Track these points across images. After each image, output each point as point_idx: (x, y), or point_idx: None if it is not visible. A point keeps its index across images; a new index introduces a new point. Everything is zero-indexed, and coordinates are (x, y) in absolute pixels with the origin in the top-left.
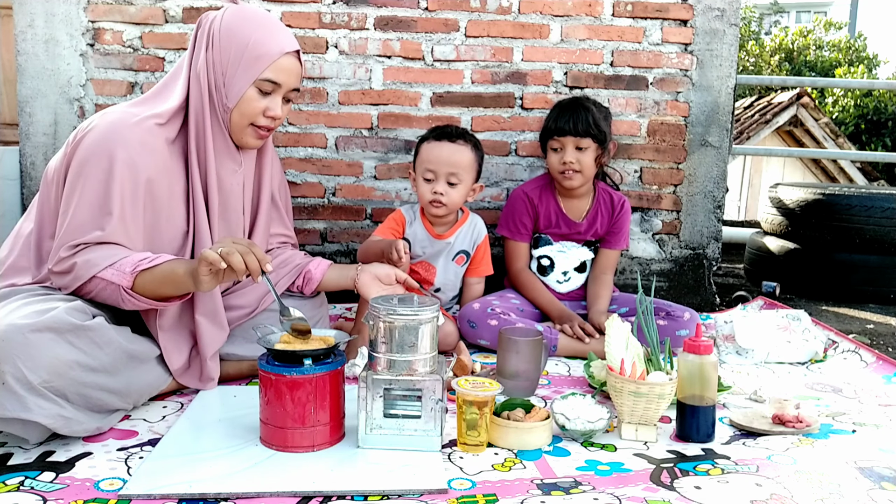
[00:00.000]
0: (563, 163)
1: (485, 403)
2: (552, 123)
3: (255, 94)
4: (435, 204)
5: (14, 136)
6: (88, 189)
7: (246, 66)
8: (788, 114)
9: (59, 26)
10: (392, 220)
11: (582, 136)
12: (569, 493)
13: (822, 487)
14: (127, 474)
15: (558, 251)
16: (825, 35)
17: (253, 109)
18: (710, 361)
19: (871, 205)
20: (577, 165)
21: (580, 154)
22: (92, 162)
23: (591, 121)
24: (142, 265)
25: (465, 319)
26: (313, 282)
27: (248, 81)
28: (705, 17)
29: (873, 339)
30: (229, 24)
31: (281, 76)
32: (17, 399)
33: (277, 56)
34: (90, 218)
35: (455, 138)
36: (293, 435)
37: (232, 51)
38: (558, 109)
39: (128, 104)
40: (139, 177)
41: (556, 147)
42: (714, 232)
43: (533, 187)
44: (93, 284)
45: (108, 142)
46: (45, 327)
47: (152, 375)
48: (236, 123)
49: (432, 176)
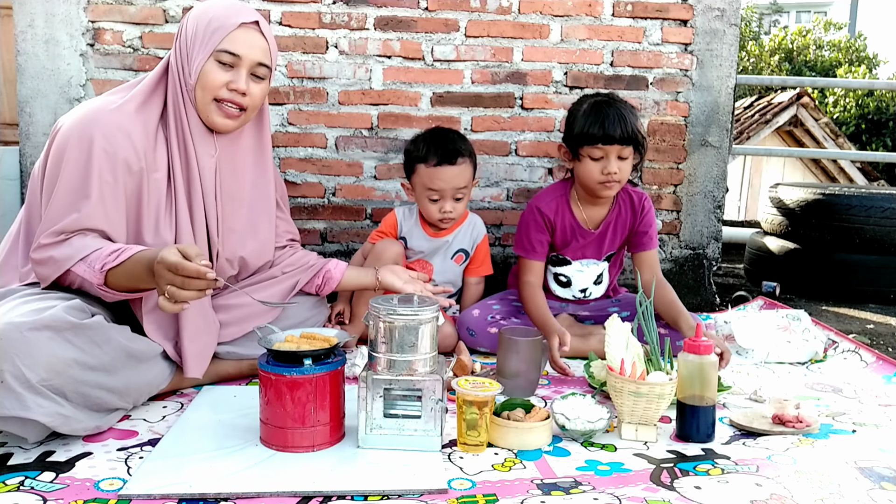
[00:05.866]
0: (606, 173)
1: (485, 403)
2: (595, 129)
3: (214, 66)
4: (445, 221)
5: (14, 136)
6: (66, 175)
7: (203, 41)
8: (788, 114)
9: (59, 26)
10: (385, 223)
11: (627, 143)
12: (569, 493)
13: (822, 487)
14: (127, 474)
15: (577, 271)
16: (825, 35)
17: (212, 82)
18: (710, 361)
19: (871, 205)
20: (620, 175)
21: (622, 163)
22: (70, 149)
23: (635, 127)
24: (108, 263)
25: (464, 326)
26: (333, 281)
27: (205, 55)
28: (705, 17)
29: (873, 339)
30: (195, 11)
31: (239, 47)
32: (15, 397)
33: (233, 27)
34: (69, 202)
35: (454, 159)
36: (293, 435)
37: (194, 31)
38: (595, 111)
39: (106, 94)
40: (117, 160)
41: (598, 156)
42: (714, 232)
43: (547, 200)
44: (72, 275)
45: (84, 128)
46: (44, 325)
47: (152, 374)
48: (200, 100)
49: (437, 197)
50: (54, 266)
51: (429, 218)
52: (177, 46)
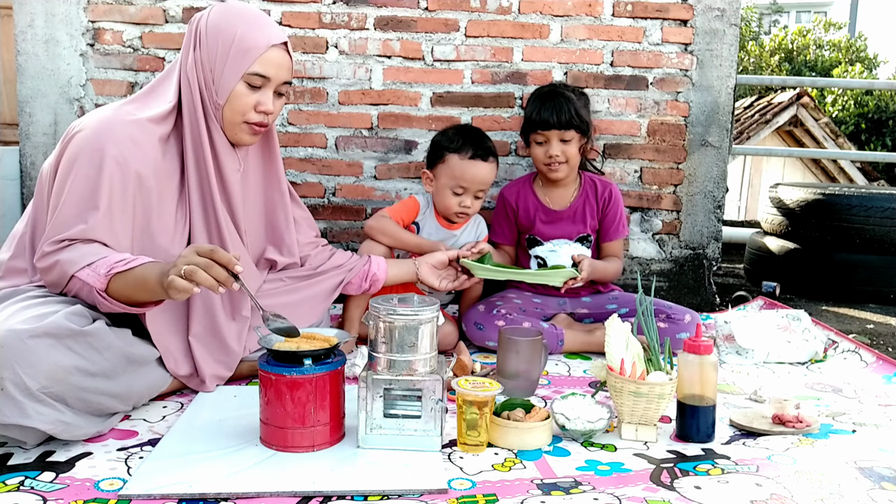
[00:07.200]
0: (548, 156)
1: (485, 403)
2: (535, 116)
3: (245, 90)
4: (461, 216)
5: (14, 136)
6: (77, 184)
7: (233, 62)
8: (788, 114)
9: (59, 26)
10: (406, 206)
11: (566, 128)
12: (569, 493)
13: (822, 487)
14: (127, 474)
15: (549, 251)
16: (825, 35)
17: (243, 105)
18: (710, 361)
19: (871, 205)
20: (563, 157)
21: (565, 146)
22: (82, 158)
23: (573, 112)
24: (116, 267)
25: (471, 322)
26: (379, 283)
27: (236, 77)
28: (705, 17)
29: (873, 339)
30: (215, 20)
31: (269, 69)
32: (15, 405)
33: (264, 49)
34: (76, 212)
35: (487, 156)
36: (293, 435)
37: (219, 47)
38: (539, 101)
39: (121, 102)
40: (129, 174)
41: (541, 140)
42: (714, 232)
43: (510, 186)
44: (72, 284)
45: (99, 139)
46: (44, 333)
47: (152, 378)
48: (228, 120)
49: (461, 190)
50: (60, 271)
51: (445, 210)
52: (197, 58)
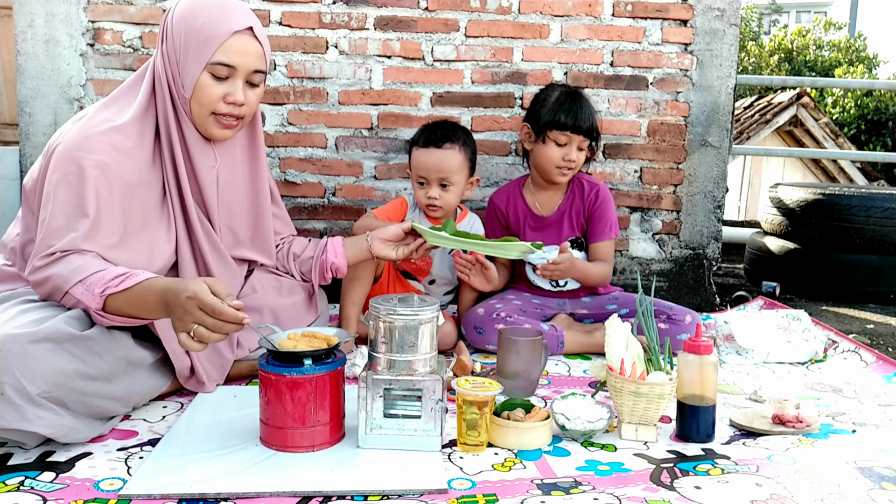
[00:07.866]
0: (566, 159)
1: (485, 403)
2: (567, 118)
3: (210, 80)
4: (431, 208)
5: (14, 136)
6: (63, 196)
7: (195, 52)
8: (788, 114)
9: (59, 26)
10: (393, 206)
11: (587, 135)
12: (569, 493)
13: (822, 487)
14: (127, 474)
15: (539, 258)
16: (825, 35)
17: (209, 97)
18: (710, 361)
19: (871, 205)
20: (575, 164)
21: (579, 153)
22: (64, 170)
23: (595, 121)
24: (110, 287)
25: (471, 325)
26: (342, 271)
27: (199, 68)
28: (705, 17)
29: (873, 339)
30: (181, 12)
31: (234, 57)
32: (16, 410)
33: (225, 36)
34: (66, 222)
35: (441, 143)
36: (293, 435)
37: (182, 38)
38: (566, 100)
39: (97, 107)
40: (113, 179)
41: (563, 142)
42: (714, 232)
43: (500, 193)
44: (67, 299)
45: (79, 149)
46: (44, 337)
47: (153, 380)
48: (197, 114)
49: (424, 181)
50: (53, 286)
51: (418, 204)
52: (163, 51)
